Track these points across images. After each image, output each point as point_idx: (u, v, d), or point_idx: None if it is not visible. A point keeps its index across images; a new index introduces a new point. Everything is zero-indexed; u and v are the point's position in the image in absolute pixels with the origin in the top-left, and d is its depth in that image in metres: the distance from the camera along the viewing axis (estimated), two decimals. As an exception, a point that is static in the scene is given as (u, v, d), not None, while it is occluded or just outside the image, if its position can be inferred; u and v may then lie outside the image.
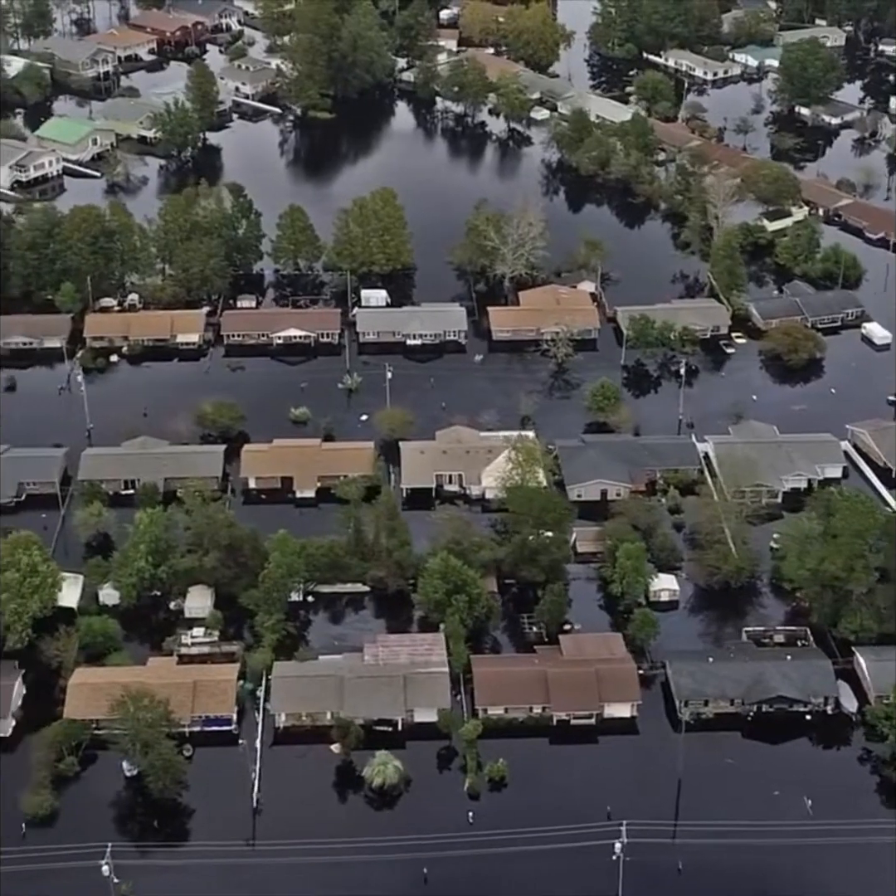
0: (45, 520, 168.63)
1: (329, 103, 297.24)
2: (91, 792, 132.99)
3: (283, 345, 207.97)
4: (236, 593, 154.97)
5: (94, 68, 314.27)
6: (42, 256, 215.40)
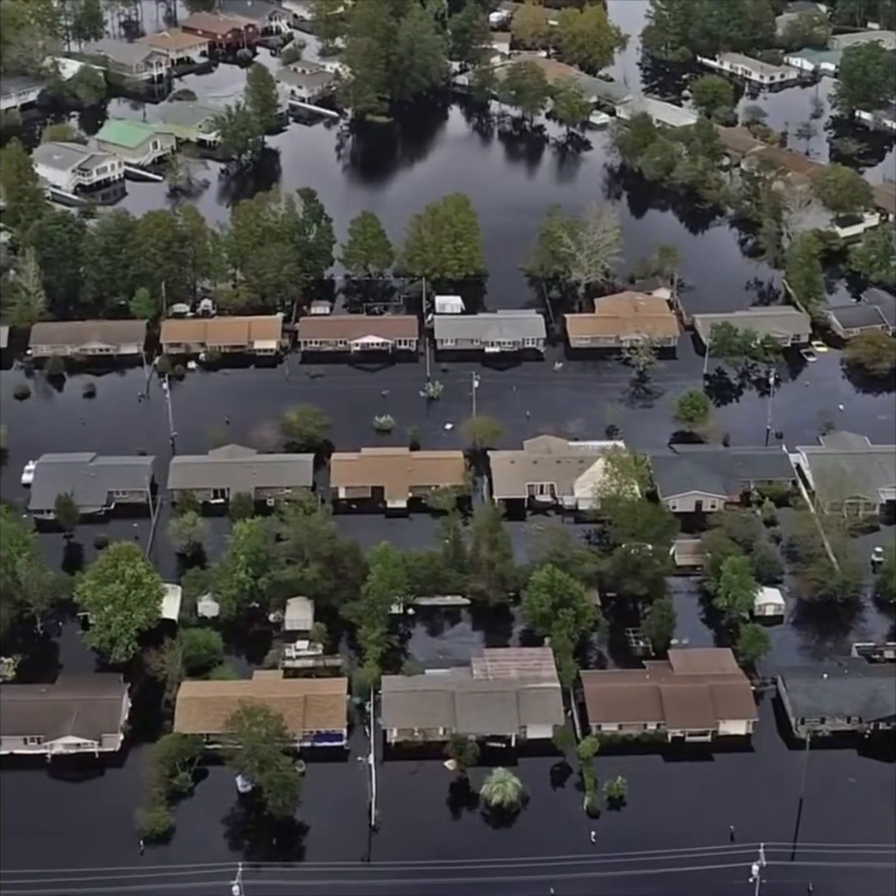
0: (137, 529, 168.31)
1: (386, 107, 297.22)
2: (205, 808, 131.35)
3: (361, 352, 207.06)
4: (335, 605, 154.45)
5: (147, 71, 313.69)
6: (115, 262, 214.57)
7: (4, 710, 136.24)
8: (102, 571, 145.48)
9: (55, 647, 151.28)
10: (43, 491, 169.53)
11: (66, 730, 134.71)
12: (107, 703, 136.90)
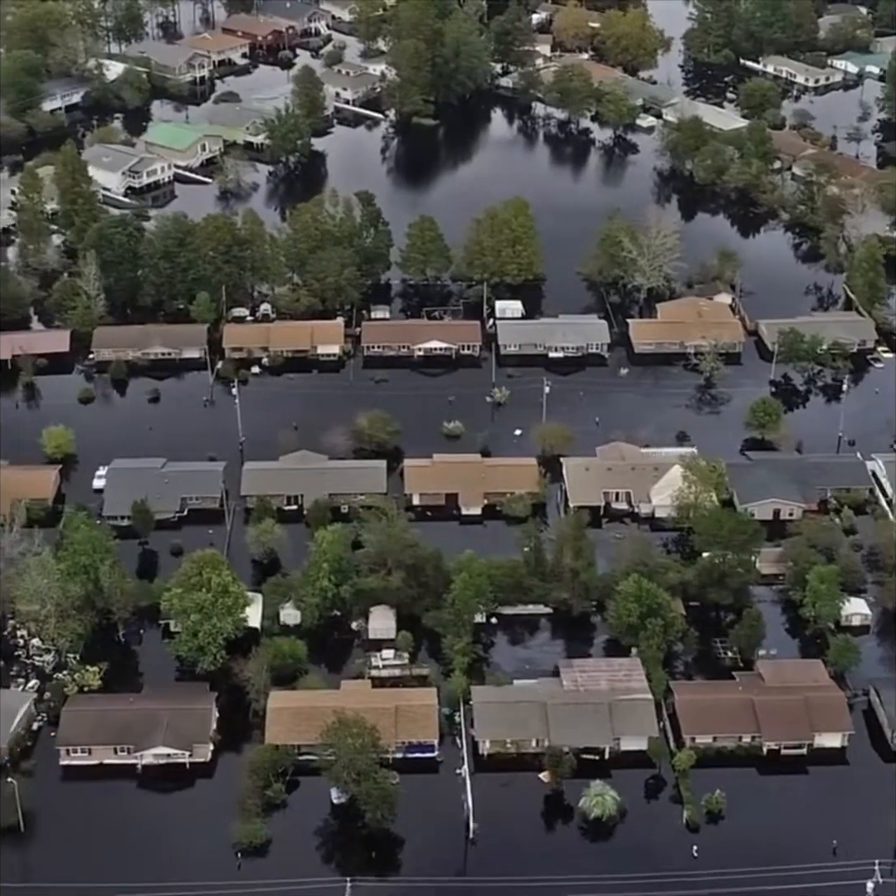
0: (212, 536, 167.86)
1: (432, 109, 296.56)
2: (300, 820, 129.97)
3: (424, 357, 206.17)
4: (417, 614, 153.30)
5: (190, 72, 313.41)
6: (175, 265, 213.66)
7: (94, 720, 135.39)
8: (187, 579, 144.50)
9: (137, 656, 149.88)
10: (116, 497, 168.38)
11: (157, 740, 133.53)
12: (197, 713, 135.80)
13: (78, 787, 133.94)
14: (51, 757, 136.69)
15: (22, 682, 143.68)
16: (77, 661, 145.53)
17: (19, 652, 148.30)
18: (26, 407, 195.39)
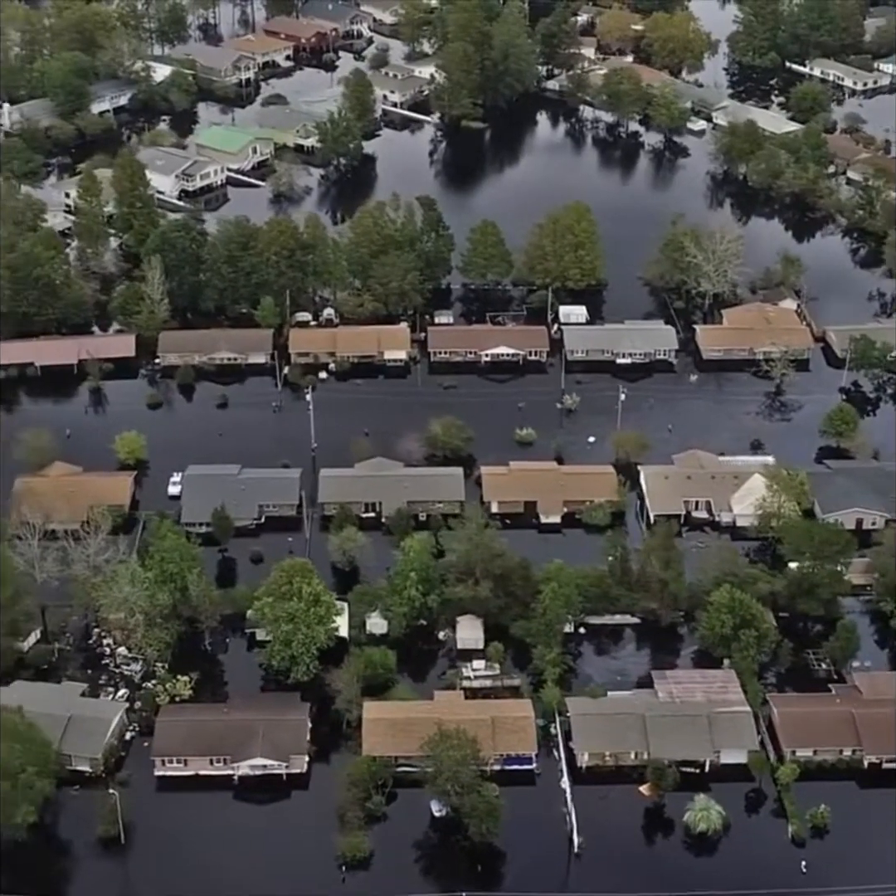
0: (291, 543, 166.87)
1: (481, 112, 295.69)
2: (400, 833, 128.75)
3: (490, 362, 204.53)
4: (504, 624, 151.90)
5: (235, 75, 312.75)
6: (238, 270, 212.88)
7: (189, 730, 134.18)
8: (277, 588, 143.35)
9: (224, 665, 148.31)
10: (193, 504, 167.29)
11: (254, 751, 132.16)
12: (292, 724, 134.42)
13: (173, 797, 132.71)
14: (144, 767, 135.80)
15: (111, 692, 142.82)
16: (165, 670, 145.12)
17: (106, 660, 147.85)
18: (94, 412, 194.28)
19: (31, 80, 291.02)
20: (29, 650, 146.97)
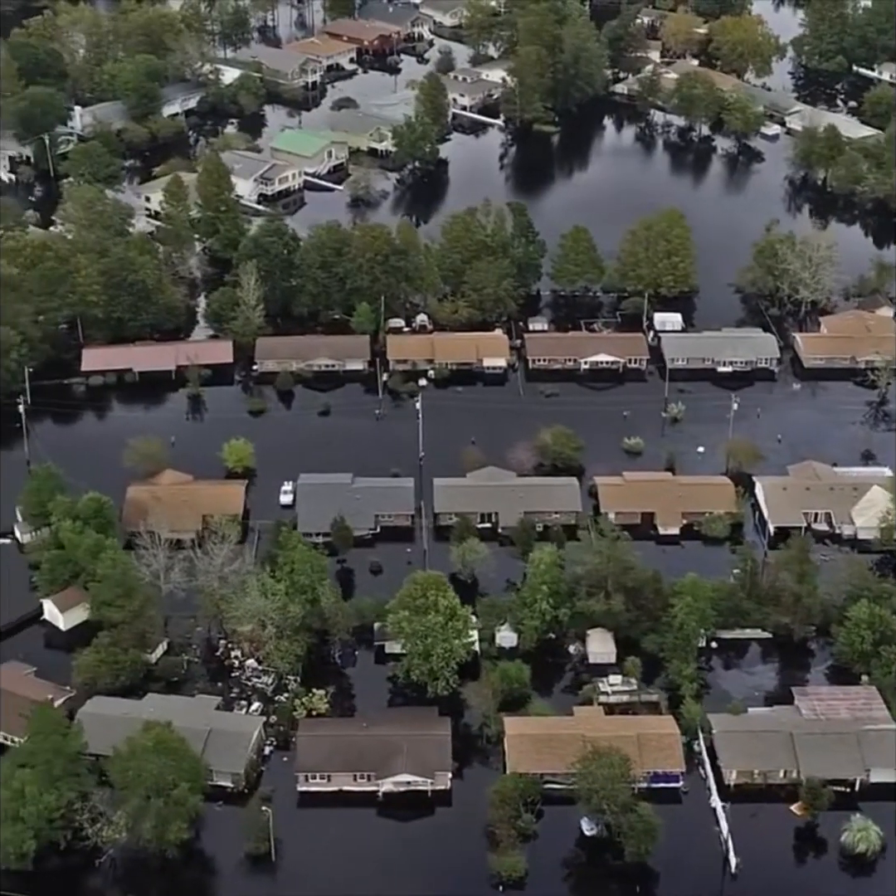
0: (410, 554, 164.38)
1: (553, 116, 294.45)
2: (551, 852, 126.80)
3: (589, 370, 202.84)
4: (634, 637, 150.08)
5: (302, 77, 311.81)
6: (332, 275, 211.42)
7: (331, 746, 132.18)
8: (412, 601, 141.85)
9: (353, 678, 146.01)
10: (309, 513, 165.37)
11: (399, 767, 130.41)
12: (435, 739, 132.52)
13: (317, 813, 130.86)
14: (285, 782, 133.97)
15: (244, 705, 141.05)
16: (297, 683, 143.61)
17: (236, 673, 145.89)
18: (195, 419, 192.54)
19: (100, 82, 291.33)
20: (157, 662, 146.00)
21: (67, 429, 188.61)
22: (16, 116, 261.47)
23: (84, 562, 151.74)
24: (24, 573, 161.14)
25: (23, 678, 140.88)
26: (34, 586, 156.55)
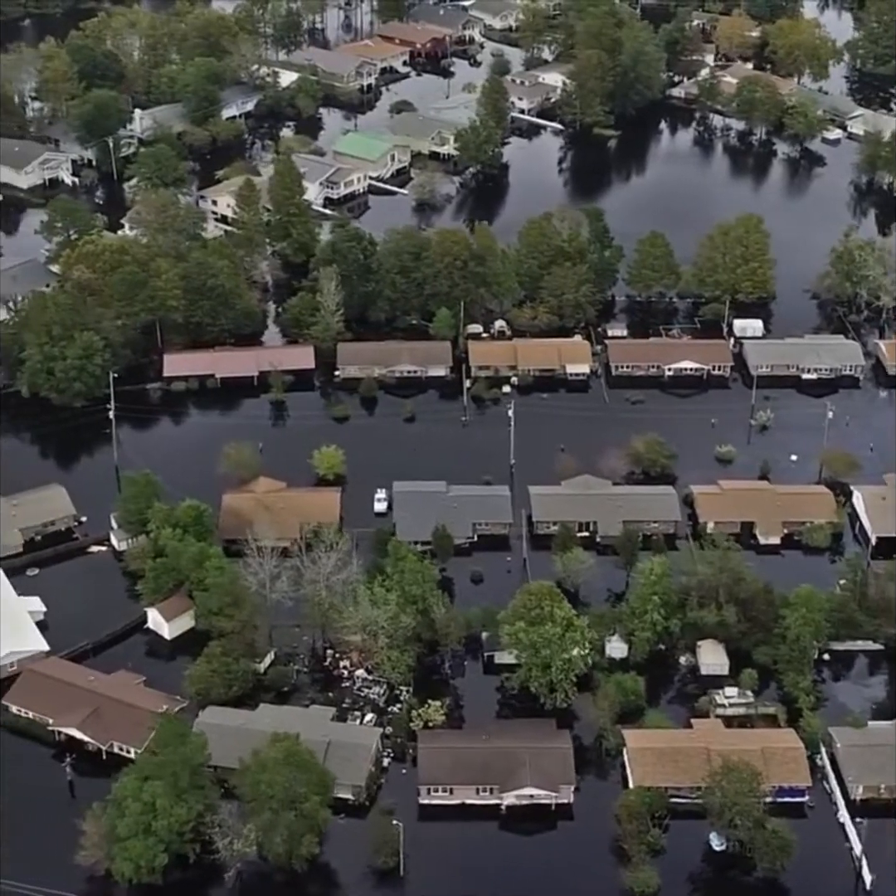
0: (510, 563, 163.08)
1: (612, 120, 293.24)
2: (680, 867, 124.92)
3: (673, 377, 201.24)
4: (745, 649, 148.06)
5: (357, 80, 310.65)
6: (410, 280, 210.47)
7: (452, 758, 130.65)
8: (527, 612, 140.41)
9: (463, 688, 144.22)
10: (407, 521, 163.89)
11: (524, 780, 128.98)
12: (558, 752, 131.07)
13: (439, 827, 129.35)
14: (404, 795, 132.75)
15: (358, 716, 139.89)
16: (410, 694, 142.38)
17: (346, 683, 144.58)
18: (280, 425, 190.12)
19: (158, 84, 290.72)
20: (266, 672, 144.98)
21: (153, 435, 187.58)
22: (80, 119, 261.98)
23: (188, 570, 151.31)
24: (121, 581, 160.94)
25: (134, 688, 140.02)
26: (135, 594, 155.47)
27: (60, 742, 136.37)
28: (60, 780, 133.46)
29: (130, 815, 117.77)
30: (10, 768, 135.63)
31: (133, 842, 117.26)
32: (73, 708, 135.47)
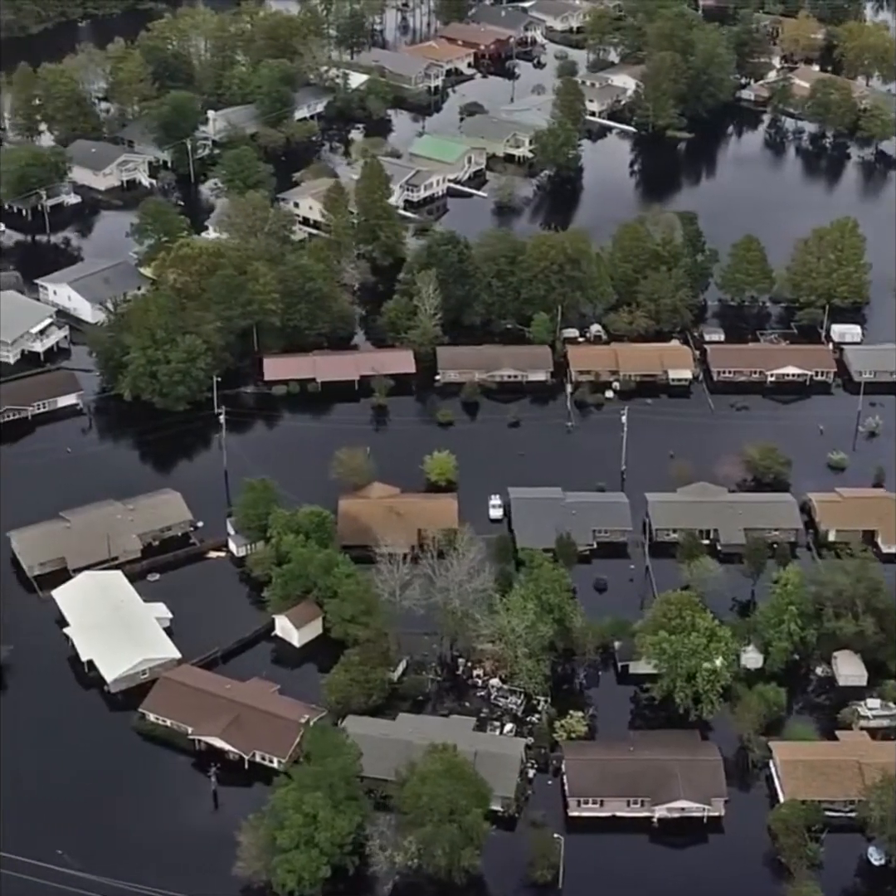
0: (633, 572, 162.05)
1: (685, 122, 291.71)
2: (837, 882, 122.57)
3: (775, 382, 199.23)
4: (880, 660, 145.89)
5: (425, 82, 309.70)
6: (507, 284, 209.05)
7: (600, 770, 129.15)
8: (667, 622, 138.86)
9: (598, 698, 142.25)
10: (527, 528, 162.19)
11: (677, 793, 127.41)
12: (708, 765, 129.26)
13: (589, 839, 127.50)
14: (551, 807, 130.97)
15: (497, 726, 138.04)
16: (548, 704, 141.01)
17: (480, 693, 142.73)
18: (384, 430, 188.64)
19: (229, 86, 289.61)
20: (400, 680, 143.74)
21: (258, 439, 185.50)
22: (158, 120, 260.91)
23: (316, 577, 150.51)
24: (240, 587, 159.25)
25: (271, 696, 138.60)
26: (257, 601, 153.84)
27: (200, 751, 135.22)
28: (203, 789, 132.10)
29: (292, 827, 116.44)
30: (150, 777, 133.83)
31: (295, 854, 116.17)
32: (213, 716, 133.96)
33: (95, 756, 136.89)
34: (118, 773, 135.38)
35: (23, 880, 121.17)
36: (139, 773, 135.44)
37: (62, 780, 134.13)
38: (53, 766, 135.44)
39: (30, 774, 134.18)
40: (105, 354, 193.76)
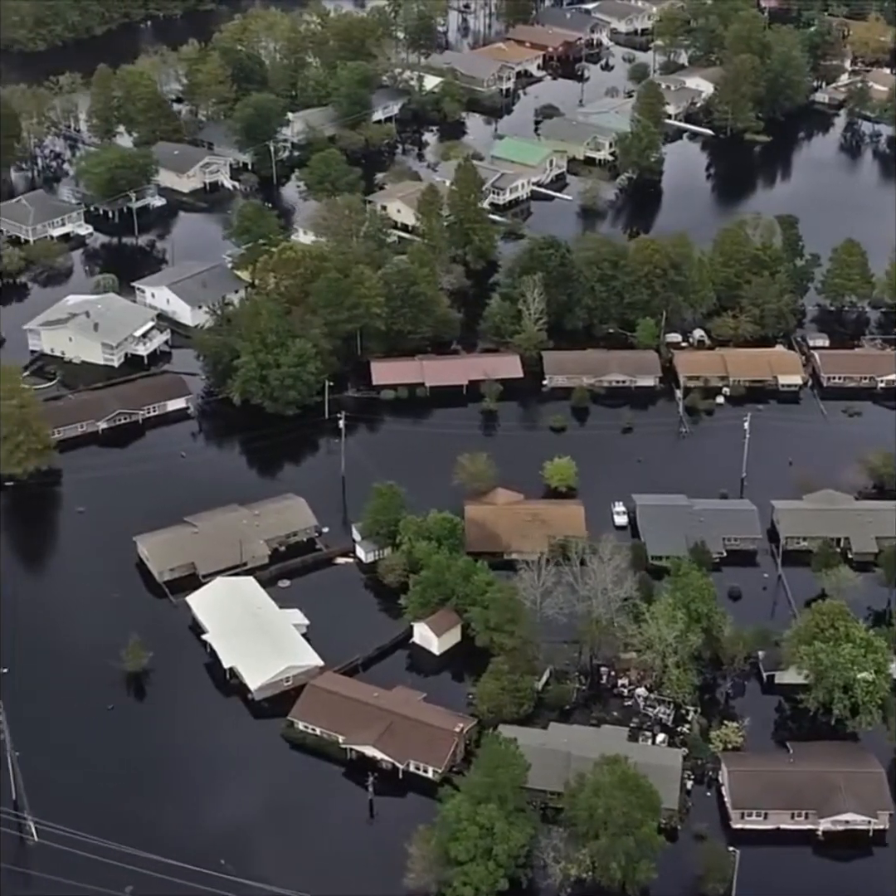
0: (766, 580, 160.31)
1: (763, 125, 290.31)
2: None
3: (885, 388, 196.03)
4: None
5: (497, 84, 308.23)
6: (610, 289, 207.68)
7: (762, 782, 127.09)
8: (820, 632, 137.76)
9: (743, 709, 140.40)
10: (656, 536, 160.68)
11: (841, 805, 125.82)
12: (872, 776, 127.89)
13: (753, 852, 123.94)
14: (710, 819, 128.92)
15: (649, 736, 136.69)
16: (698, 714, 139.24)
17: (627, 702, 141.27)
18: (493, 435, 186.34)
19: (305, 88, 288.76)
20: (544, 690, 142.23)
21: (372, 443, 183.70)
22: (241, 123, 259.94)
23: (454, 585, 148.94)
24: (368, 593, 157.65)
25: (419, 704, 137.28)
26: (389, 607, 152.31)
27: (351, 759, 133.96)
28: (359, 799, 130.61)
29: (468, 839, 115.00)
30: (302, 787, 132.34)
31: (472, 866, 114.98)
32: (365, 725, 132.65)
33: (248, 764, 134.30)
34: (272, 784, 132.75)
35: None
36: (293, 782, 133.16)
37: (222, 786, 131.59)
38: (209, 774, 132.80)
39: (190, 782, 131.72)
40: (213, 358, 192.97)
